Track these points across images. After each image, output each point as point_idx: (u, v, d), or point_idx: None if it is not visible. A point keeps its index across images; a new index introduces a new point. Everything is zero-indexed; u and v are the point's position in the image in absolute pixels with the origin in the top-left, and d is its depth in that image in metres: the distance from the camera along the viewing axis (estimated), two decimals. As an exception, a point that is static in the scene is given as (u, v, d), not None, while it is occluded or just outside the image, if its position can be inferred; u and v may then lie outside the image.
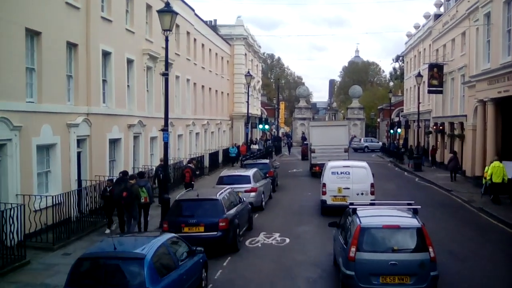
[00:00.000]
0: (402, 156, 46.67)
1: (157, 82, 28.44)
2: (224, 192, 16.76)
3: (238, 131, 49.57)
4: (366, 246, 11.02)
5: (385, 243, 11.10)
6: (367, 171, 20.96)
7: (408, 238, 11.20)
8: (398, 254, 10.91)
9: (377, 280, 10.81)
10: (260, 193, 22.57)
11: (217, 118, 44.16)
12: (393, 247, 11.00)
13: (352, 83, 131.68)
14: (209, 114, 41.88)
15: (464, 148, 35.54)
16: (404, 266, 10.78)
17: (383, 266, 10.79)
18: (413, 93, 55.93)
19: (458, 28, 37.36)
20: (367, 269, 10.86)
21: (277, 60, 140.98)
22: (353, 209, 12.31)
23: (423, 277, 10.77)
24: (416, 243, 11.09)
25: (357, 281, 10.90)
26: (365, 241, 11.05)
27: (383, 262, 10.81)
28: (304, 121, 77.79)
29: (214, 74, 43.85)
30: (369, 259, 10.88)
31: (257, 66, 60.47)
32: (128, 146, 24.44)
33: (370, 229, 11.20)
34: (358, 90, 78.51)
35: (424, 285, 10.79)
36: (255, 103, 58.10)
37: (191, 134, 35.69)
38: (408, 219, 11.76)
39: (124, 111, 24.09)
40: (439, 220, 20.85)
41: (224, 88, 47.30)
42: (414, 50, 54.92)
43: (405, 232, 11.30)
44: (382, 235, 11.20)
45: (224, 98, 47.55)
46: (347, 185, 20.50)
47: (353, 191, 20.28)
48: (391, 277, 10.79)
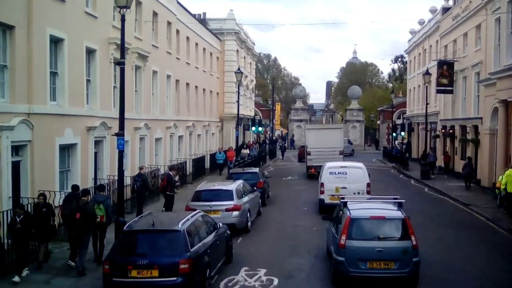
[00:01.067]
0: (406, 161, 42.44)
1: (128, 77, 24.19)
2: (192, 219, 12.44)
3: (229, 133, 45.31)
4: (355, 235, 12.03)
5: (372, 232, 12.13)
6: (363, 172, 21.62)
7: (393, 228, 12.26)
8: (383, 242, 11.93)
9: (364, 265, 11.80)
10: (245, 212, 18.32)
11: (204, 119, 39.92)
12: (379, 236, 12.04)
13: (350, 84, 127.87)
14: (195, 115, 37.64)
15: (479, 155, 31.37)
16: (389, 253, 11.79)
17: (370, 253, 11.80)
18: (417, 94, 51.84)
19: (472, 20, 33.21)
20: (355, 255, 11.84)
21: (273, 61, 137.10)
22: (344, 203, 13.34)
23: (406, 263, 11.81)
24: (400, 232, 12.13)
25: (347, 266, 11.90)
26: (354, 230, 12.07)
27: (370, 249, 11.83)
28: (301, 122, 73.54)
29: (202, 71, 39.60)
30: (357, 246, 11.89)
31: (251, 64, 56.29)
32: (88, 153, 20.15)
33: (359, 219, 12.30)
34: (358, 90, 74.28)
35: (407, 270, 11.83)
36: (248, 104, 53.89)
37: (172, 137, 31.42)
38: (394, 212, 12.77)
39: (82, 111, 19.84)
40: (467, 247, 16.70)
41: (213, 87, 43.09)
42: (419, 48, 50.77)
43: (390, 222, 12.39)
44: (369, 225, 12.29)
45: (213, 97, 43.32)
46: (344, 184, 21.07)
47: (350, 190, 20.69)
48: (377, 263, 11.80)
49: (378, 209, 13.26)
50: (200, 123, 38.32)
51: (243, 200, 18.56)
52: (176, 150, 32.57)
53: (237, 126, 36.92)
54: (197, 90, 38.10)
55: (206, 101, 40.75)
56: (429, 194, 29.33)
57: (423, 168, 35.76)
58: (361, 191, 20.70)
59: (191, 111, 36.42)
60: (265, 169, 43.42)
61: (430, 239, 17.21)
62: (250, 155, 40.31)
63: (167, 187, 20.77)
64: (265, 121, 70.97)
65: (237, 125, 36.94)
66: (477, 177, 31.22)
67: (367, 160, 53.53)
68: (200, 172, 33.97)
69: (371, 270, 11.77)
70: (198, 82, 38.38)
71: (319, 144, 34.04)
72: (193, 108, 37.14)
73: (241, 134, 49.24)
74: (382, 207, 13.53)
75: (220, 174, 34.26)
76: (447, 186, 31.15)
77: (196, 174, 32.76)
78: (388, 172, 42.31)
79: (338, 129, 37.50)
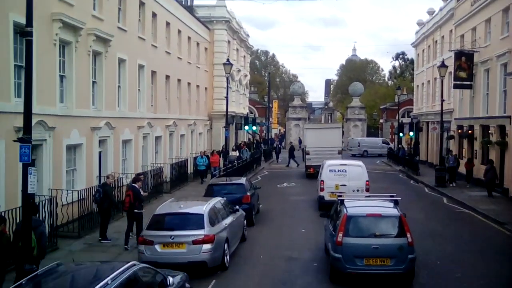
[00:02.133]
0: (417, 165, 37.51)
1: (83, 64, 19.28)
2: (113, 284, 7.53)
3: (218, 133, 40.35)
4: (352, 232, 12.02)
5: (369, 229, 12.15)
6: (362, 169, 21.51)
7: (389, 225, 12.33)
8: (379, 239, 11.94)
9: (361, 261, 11.76)
10: (220, 244, 13.30)
11: (189, 117, 35.01)
12: (375, 233, 12.05)
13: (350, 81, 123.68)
14: (178, 112, 32.73)
15: (507, 159, 26.50)
16: (385, 250, 11.77)
17: (367, 250, 11.75)
18: (426, 90, 46.98)
19: (497, 3, 28.34)
20: (352, 252, 11.80)
21: (271, 57, 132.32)
22: (341, 201, 13.34)
23: (401, 259, 11.76)
24: (396, 229, 12.13)
25: (344, 263, 11.85)
26: (351, 227, 12.07)
27: (366, 246, 11.80)
28: (299, 121, 68.62)
29: (186, 62, 34.67)
30: (354, 243, 11.86)
31: (245, 58, 51.35)
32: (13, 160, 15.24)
33: (356, 217, 12.31)
34: (359, 87, 69.34)
35: (403, 266, 11.78)
36: (241, 100, 48.98)
37: (146, 138, 26.50)
38: (390, 209, 12.76)
39: (10, 107, 14.93)
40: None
41: (200, 81, 38.19)
42: (428, 39, 45.84)
43: (386, 220, 12.46)
44: (366, 222, 12.31)
45: (200, 93, 38.41)
46: (343, 182, 21.04)
47: (350, 187, 20.65)
48: (373, 259, 11.76)
49: (375, 206, 13.27)
50: (183, 121, 33.38)
51: (219, 227, 13.58)
52: (152, 154, 27.63)
53: (227, 125, 31.99)
54: (180, 84, 33.12)
55: (191, 97, 35.83)
56: (450, 208, 24.34)
57: (438, 173, 30.82)
58: (361, 189, 20.72)
59: (172, 108, 31.46)
60: (258, 173, 38.60)
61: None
62: (241, 158, 35.45)
63: (134, 204, 15.97)
64: (261, 120, 66.10)
65: (227, 124, 32.01)
66: (503, 186, 26.43)
67: (371, 162, 48.80)
68: (182, 179, 29.05)
69: (368, 266, 11.78)
70: (182, 75, 33.42)
71: (318, 144, 33.45)
72: (175, 105, 32.18)
73: (232, 134, 44.37)
74: (378, 204, 13.52)
75: (201, 183, 29.33)
76: (469, 196, 26.25)
77: (176, 182, 27.81)
78: (396, 177, 37.42)
79: (337, 128, 37.04)
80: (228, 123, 35.23)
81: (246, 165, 34.18)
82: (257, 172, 38.47)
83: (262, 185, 27.03)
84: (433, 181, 31.05)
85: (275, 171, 40.50)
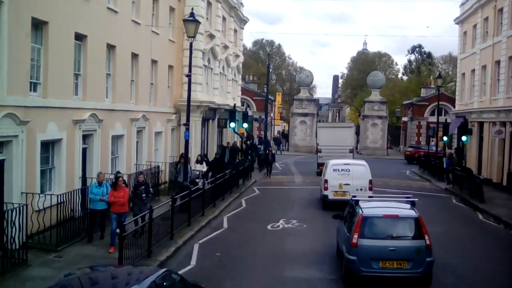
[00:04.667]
0: (480, 187, 24.42)
1: None
2: None
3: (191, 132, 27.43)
4: (367, 234, 11.43)
5: (385, 231, 11.55)
6: (365, 168, 21.16)
7: (406, 227, 11.68)
8: (396, 241, 11.37)
9: (377, 264, 11.20)
10: None
11: (137, 109, 22.26)
12: (392, 235, 11.45)
13: (361, 75, 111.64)
14: (125, 100, 20.19)
15: None
16: (402, 252, 11.22)
17: (383, 252, 11.21)
18: (479, 79, 33.98)
19: None
20: (368, 254, 11.24)
21: (277, 48, 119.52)
22: (356, 201, 12.75)
23: (419, 262, 11.21)
24: (414, 231, 11.55)
25: (359, 265, 11.27)
26: (367, 229, 11.48)
27: (383, 248, 11.24)
28: (306, 117, 55.61)
29: (143, 27, 22.04)
30: (370, 245, 11.30)
31: (236, 32, 38.26)
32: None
33: (372, 218, 11.71)
34: (380, 78, 56.05)
35: (420, 270, 11.22)
36: (229, 89, 36.04)
37: (59, 143, 14.09)
38: (407, 210, 12.18)
39: None
40: None
41: (163, 56, 25.39)
42: (486, 8, 32.84)
43: (403, 221, 11.82)
44: (382, 224, 11.70)
45: (162, 74, 25.62)
46: (347, 181, 20.76)
47: (353, 186, 20.44)
48: (390, 262, 11.20)
49: (391, 207, 12.71)
50: (122, 115, 20.54)
51: None
52: (80, 166, 15.06)
53: (187, 121, 19.36)
54: (134, 60, 20.52)
55: (144, 77, 23.03)
56: None
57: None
58: (364, 187, 20.47)
59: (117, 96, 19.01)
60: (245, 192, 25.91)
61: None
62: (206, 175, 22.73)
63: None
64: (260, 115, 53.22)
65: (188, 120, 19.38)
66: None
67: (396, 172, 36.68)
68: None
69: (384, 269, 11.21)
70: (132, 45, 20.79)
71: (330, 142, 32.91)
72: (122, 90, 19.61)
73: (213, 134, 31.60)
74: (394, 205, 12.92)
75: (90, 241, 14.76)
76: None
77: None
78: (448, 204, 24.47)
79: (349, 128, 36.00)
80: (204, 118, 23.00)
81: (221, 186, 21.51)
82: (242, 192, 25.69)
83: (241, 223, 17.50)
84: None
85: (270, 189, 27.68)
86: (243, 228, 17.74)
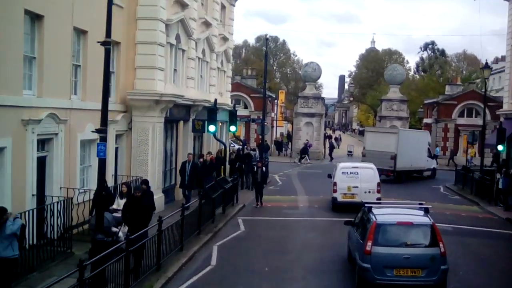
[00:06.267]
0: None
1: None
2: None
3: (146, 138, 18.53)
4: (381, 241, 11.13)
5: (399, 238, 11.25)
6: (374, 172, 21.00)
7: (421, 234, 11.39)
8: (411, 249, 11.07)
9: (391, 272, 10.92)
10: None
11: (55, 105, 13.64)
12: (406, 242, 11.14)
13: (370, 73, 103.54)
14: (14, 88, 11.70)
15: None
16: (416, 260, 10.93)
17: (397, 259, 10.93)
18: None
19: None
20: (382, 262, 10.96)
21: (281, 44, 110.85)
22: (369, 208, 12.30)
23: (434, 270, 10.90)
24: (428, 238, 11.22)
25: (373, 273, 10.96)
26: (381, 236, 11.17)
27: (397, 255, 10.95)
28: (312, 118, 46.67)
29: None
30: (384, 253, 11.00)
31: (225, 9, 29.08)
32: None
33: (385, 225, 11.40)
34: (400, 72, 46.86)
35: (435, 278, 10.91)
36: (213, 81, 27.16)
37: None
38: (421, 217, 11.79)
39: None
40: None
41: (98, 26, 16.52)
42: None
43: (417, 228, 11.50)
44: (396, 231, 11.40)
45: (97, 52, 16.80)
46: (355, 184, 20.57)
47: (361, 189, 20.30)
48: (404, 270, 10.93)
49: (405, 214, 12.23)
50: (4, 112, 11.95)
51: None
52: None
53: (103, 125, 10.60)
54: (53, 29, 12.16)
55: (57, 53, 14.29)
56: None
57: None
58: (372, 190, 20.29)
59: None
60: (230, 221, 17.22)
61: None
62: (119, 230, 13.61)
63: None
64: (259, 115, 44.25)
65: (103, 124, 10.63)
66: None
67: (427, 188, 28.69)
68: None
69: (398, 277, 10.91)
70: (53, 10, 12.37)
71: (375, 147, 31.75)
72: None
73: (188, 143, 22.91)
74: (408, 212, 12.41)
75: None
76: None
77: None
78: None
79: (394, 134, 32.65)
80: (170, 119, 14.93)
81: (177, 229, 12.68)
82: (220, 229, 16.80)
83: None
84: None
85: (261, 222, 18.79)
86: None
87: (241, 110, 48.14)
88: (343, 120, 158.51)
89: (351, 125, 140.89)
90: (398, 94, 46.99)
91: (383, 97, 48.39)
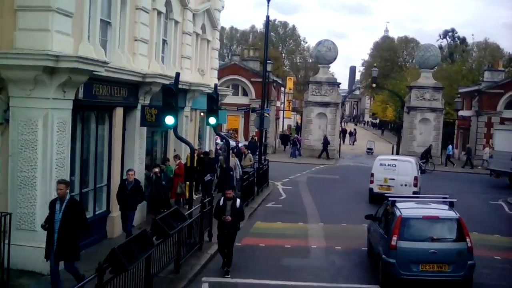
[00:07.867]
0: None
1: None
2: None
3: (33, 138, 10.15)
4: (407, 235, 10.83)
5: (425, 233, 10.95)
6: (412, 165, 20.76)
7: (447, 229, 11.15)
8: (437, 243, 10.78)
9: (417, 267, 10.61)
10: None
11: None
12: (432, 237, 10.86)
13: (385, 63, 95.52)
14: None
15: None
16: (443, 255, 10.64)
17: (423, 254, 10.63)
18: None
19: None
20: (407, 257, 10.66)
21: (291, 30, 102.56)
22: (392, 202, 12.10)
23: (460, 266, 10.65)
24: (455, 233, 10.96)
25: (398, 268, 10.66)
26: (406, 230, 10.88)
27: (423, 250, 10.66)
28: (327, 108, 38.00)
29: None
30: (409, 248, 10.70)
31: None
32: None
33: (411, 219, 11.13)
34: (434, 53, 37.66)
35: (462, 273, 10.66)
36: (188, 52, 18.45)
37: None
38: (446, 211, 11.56)
39: None
40: None
41: None
42: None
43: (443, 222, 11.26)
44: (422, 225, 11.12)
45: None
46: (392, 176, 20.49)
47: (398, 182, 20.18)
48: (430, 265, 10.64)
49: (430, 208, 12.09)
50: None
51: None
52: None
53: None
54: None
55: None
56: None
57: None
58: (408, 183, 20.08)
59: None
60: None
61: None
62: None
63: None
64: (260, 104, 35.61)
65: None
66: None
67: (482, 204, 24.97)
68: None
69: (424, 272, 10.57)
70: None
71: (506, 147, 27.73)
72: None
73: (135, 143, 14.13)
74: (433, 206, 12.28)
75: None
76: None
77: None
78: None
79: None
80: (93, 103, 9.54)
81: None
82: None
83: None
84: None
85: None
86: None
87: (239, 97, 39.51)
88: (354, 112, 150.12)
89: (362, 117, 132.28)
90: (431, 80, 38.16)
91: (412, 84, 39.47)
